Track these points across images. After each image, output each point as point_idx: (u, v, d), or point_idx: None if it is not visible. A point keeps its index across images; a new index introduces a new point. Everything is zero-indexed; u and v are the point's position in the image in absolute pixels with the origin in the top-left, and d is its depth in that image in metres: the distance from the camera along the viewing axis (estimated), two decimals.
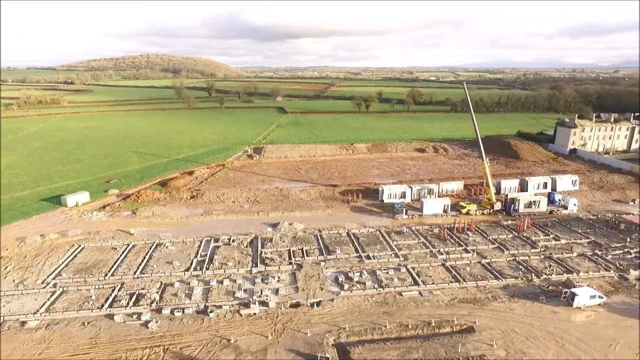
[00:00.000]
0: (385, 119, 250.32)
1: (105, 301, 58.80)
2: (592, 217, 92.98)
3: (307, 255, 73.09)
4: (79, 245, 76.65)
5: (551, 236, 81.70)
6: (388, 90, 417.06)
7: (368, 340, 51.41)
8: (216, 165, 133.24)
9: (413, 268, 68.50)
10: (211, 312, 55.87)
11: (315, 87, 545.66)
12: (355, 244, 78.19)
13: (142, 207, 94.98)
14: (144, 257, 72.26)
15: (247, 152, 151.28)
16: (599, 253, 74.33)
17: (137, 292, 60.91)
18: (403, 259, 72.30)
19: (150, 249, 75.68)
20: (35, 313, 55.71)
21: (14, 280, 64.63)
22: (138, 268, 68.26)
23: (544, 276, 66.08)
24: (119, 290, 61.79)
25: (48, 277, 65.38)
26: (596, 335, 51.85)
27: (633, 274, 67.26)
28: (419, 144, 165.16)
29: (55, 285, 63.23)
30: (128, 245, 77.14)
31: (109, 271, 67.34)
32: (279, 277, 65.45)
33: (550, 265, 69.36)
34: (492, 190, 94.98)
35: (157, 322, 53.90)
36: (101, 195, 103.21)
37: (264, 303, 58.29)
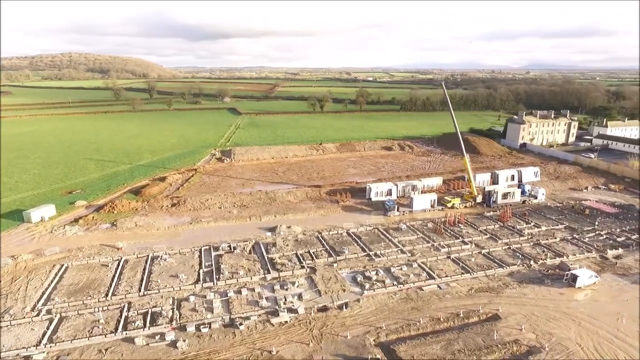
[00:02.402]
0: (341, 118, 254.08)
1: (117, 324, 53.51)
2: (558, 204, 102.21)
3: (316, 258, 72.20)
4: (62, 265, 68.74)
5: (532, 224, 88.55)
6: (334, 90, 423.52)
7: (407, 337, 52.16)
8: (187, 170, 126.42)
9: (423, 263, 70.59)
10: (240, 324, 53.13)
11: (259, 87, 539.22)
12: (360, 243, 78.69)
13: (121, 219, 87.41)
14: (143, 273, 66.76)
15: (216, 156, 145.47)
16: (577, 237, 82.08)
17: (149, 311, 56.13)
18: (410, 254, 74.20)
19: (146, 263, 70.06)
20: (37, 345, 49.12)
21: None
22: (141, 285, 62.91)
23: (541, 261, 71.56)
24: (127, 310, 56.50)
25: (37, 303, 57.95)
26: (603, 311, 57.23)
27: (610, 253, 75.17)
28: (384, 142, 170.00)
29: (49, 311, 56.15)
30: (119, 260, 70.73)
31: (108, 291, 61.26)
32: (297, 282, 63.90)
33: (544, 251, 75.23)
34: (478, 185, 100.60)
35: (184, 340, 50.11)
36: (68, 208, 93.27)
37: (292, 310, 56.68)
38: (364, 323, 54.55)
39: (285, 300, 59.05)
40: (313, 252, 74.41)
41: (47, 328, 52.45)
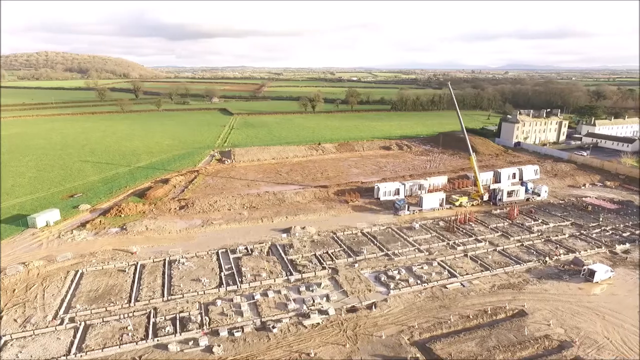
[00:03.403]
0: (334, 118, 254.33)
1: (146, 330, 52.27)
2: (560, 201, 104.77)
3: (336, 259, 72.11)
4: (76, 271, 66.70)
5: (539, 221, 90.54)
6: (321, 90, 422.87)
7: (440, 335, 52.59)
8: (188, 171, 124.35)
9: (443, 261, 71.34)
10: (273, 327, 52.63)
11: (245, 87, 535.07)
12: (376, 242, 78.97)
13: (130, 222, 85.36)
14: (163, 277, 65.43)
15: (216, 157, 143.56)
16: (585, 233, 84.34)
17: (177, 316, 55.02)
18: (428, 253, 74.89)
19: (164, 267, 68.66)
20: (67, 355, 47.56)
21: (15, 320, 54.32)
22: (163, 290, 61.62)
23: (555, 257, 73.25)
24: (154, 316, 55.23)
25: (59, 311, 56.08)
26: (623, 304, 58.98)
27: (619, 248, 77.53)
28: (382, 142, 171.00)
29: (72, 319, 54.42)
30: (135, 265, 69.10)
31: (130, 297, 59.78)
32: (323, 283, 63.66)
33: (557, 247, 77.01)
34: (484, 183, 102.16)
35: (219, 345, 49.36)
36: (72, 212, 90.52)
37: (322, 311, 56.44)
38: (396, 322, 54.79)
39: (314, 301, 58.78)
40: (331, 253, 74.30)
41: (74, 337, 50.84)
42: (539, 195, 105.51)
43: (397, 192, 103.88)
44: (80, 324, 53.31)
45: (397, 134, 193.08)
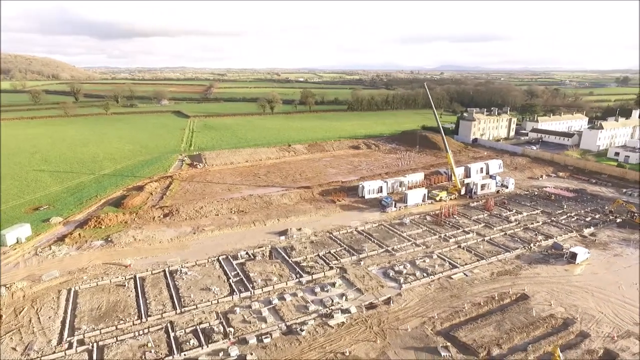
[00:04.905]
0: (294, 119, 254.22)
1: (168, 345, 49.75)
2: (525, 192, 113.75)
3: (341, 258, 73.00)
4: (69, 289, 61.52)
5: (514, 211, 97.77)
6: (271, 91, 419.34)
7: (460, 323, 55.52)
8: (161, 177, 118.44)
9: (441, 254, 74.88)
10: (301, 330, 52.44)
11: (192, 89, 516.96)
12: (373, 240, 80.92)
13: (114, 234, 79.96)
14: (168, 289, 62.35)
15: (185, 161, 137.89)
16: (555, 220, 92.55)
17: (198, 328, 52.91)
18: (425, 247, 78.18)
19: (166, 278, 65.41)
20: None
21: (14, 348, 49.17)
22: (173, 301, 58.78)
23: (537, 243, 79.79)
24: (172, 330, 52.64)
25: (63, 334, 51.55)
26: (605, 281, 65.85)
27: (586, 231, 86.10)
28: (349, 142, 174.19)
29: (82, 342, 50.34)
30: (133, 278, 65.11)
31: (139, 312, 56.38)
32: (337, 283, 64.19)
33: (536, 234, 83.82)
34: (458, 178, 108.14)
35: (251, 353, 48.36)
36: (44, 227, 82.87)
37: (344, 310, 57.11)
38: (416, 315, 56.92)
39: (332, 301, 59.26)
40: (334, 253, 75.08)
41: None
42: (507, 188, 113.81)
43: (380, 189, 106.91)
44: (92, 346, 49.49)
45: (361, 133, 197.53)
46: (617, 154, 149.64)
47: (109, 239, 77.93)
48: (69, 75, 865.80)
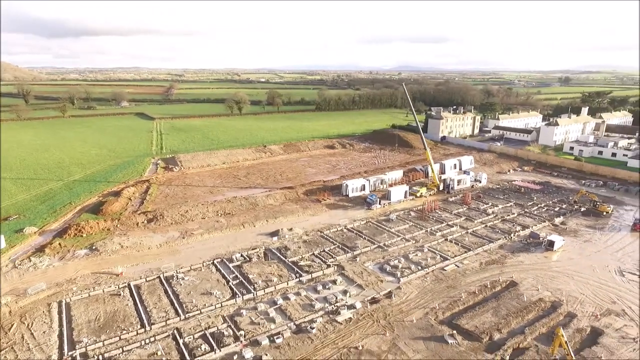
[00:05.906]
0: (264, 120, 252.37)
1: (179, 353, 48.75)
2: (497, 186, 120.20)
3: (336, 256, 74.15)
4: (59, 302, 58.46)
5: (489, 204, 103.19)
6: (233, 91, 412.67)
7: (459, 312, 58.35)
8: (137, 182, 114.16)
9: (431, 247, 77.91)
10: (312, 328, 53.10)
11: (151, 90, 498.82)
12: (364, 237, 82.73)
13: (98, 242, 76.51)
14: (167, 295, 60.81)
15: (160, 165, 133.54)
16: (527, 211, 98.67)
17: (206, 333, 52.17)
18: (414, 241, 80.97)
19: (162, 285, 63.70)
20: None
21: None
22: (175, 308, 57.45)
23: (516, 233, 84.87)
24: (180, 337, 51.57)
25: (62, 348, 49.11)
26: (581, 265, 71.41)
27: (557, 220, 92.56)
28: (324, 141, 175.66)
29: (86, 355, 48.23)
30: (127, 287, 62.89)
31: (141, 321, 54.67)
32: (338, 280, 65.25)
33: (514, 225, 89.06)
34: (436, 174, 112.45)
35: (266, 354, 48.46)
36: (18, 237, 77.72)
37: (350, 306, 58.31)
38: (418, 306, 59.17)
39: (336, 298, 60.31)
40: (328, 251, 76.13)
41: None
42: (480, 182, 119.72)
43: (363, 188, 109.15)
44: (97, 359, 47.54)
45: (334, 133, 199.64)
46: (571, 148, 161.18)
47: (94, 247, 74.54)
48: (12, 75, 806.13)
